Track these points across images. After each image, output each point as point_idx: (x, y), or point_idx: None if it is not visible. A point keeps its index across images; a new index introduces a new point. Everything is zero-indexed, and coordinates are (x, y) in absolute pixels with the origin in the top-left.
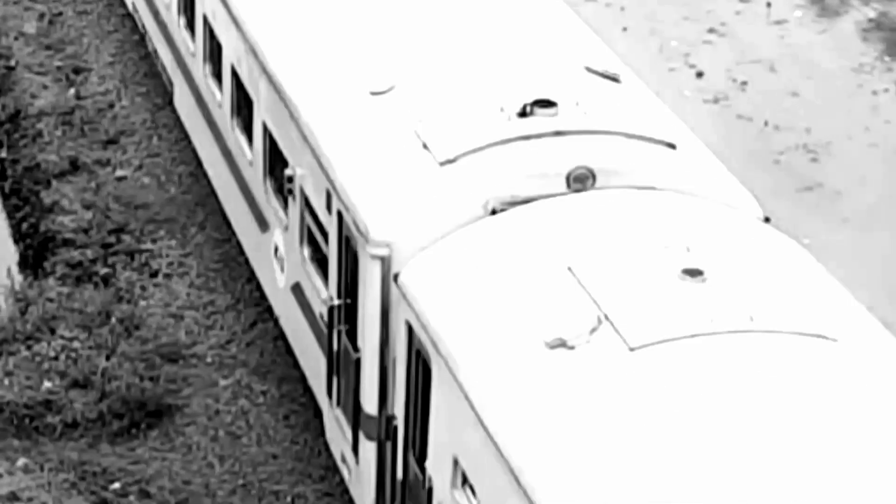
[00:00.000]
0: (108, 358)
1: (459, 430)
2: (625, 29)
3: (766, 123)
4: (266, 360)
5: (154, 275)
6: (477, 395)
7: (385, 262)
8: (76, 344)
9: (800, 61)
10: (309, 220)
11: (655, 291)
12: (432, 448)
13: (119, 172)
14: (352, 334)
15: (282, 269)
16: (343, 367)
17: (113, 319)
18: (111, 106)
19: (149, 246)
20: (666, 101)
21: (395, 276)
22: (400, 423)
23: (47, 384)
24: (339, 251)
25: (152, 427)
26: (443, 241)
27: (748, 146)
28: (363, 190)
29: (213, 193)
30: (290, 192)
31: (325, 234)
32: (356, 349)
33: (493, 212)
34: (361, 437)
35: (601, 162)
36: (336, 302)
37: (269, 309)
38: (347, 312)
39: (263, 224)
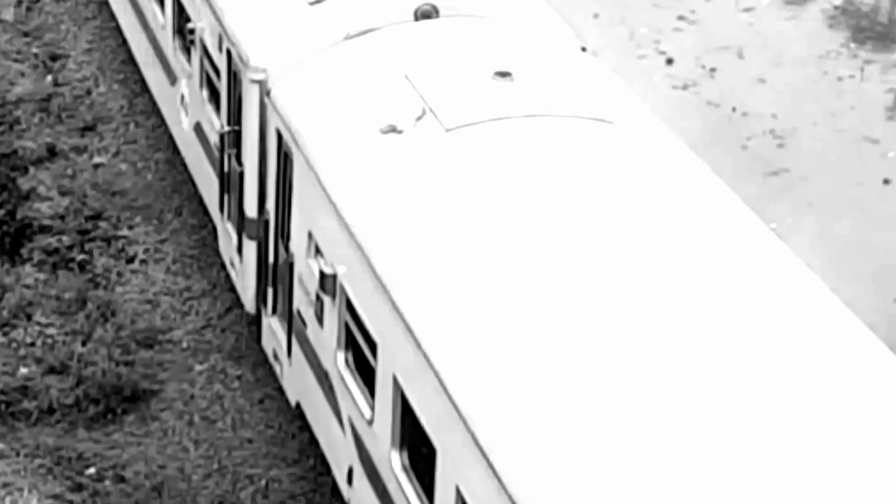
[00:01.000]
0: (84, 344)
1: (313, 208)
2: (596, 16)
3: (733, 109)
4: (241, 345)
5: (130, 261)
6: (326, 176)
7: (262, 85)
8: (52, 330)
9: (767, 48)
10: (207, 65)
11: (471, 88)
12: (294, 229)
13: (96, 159)
14: (239, 156)
15: (186, 114)
16: (231, 184)
17: (89, 305)
18: (88, 93)
19: (125, 232)
20: (636, 87)
21: (268, 93)
22: (272, 217)
23: (23, 370)
24: (228, 85)
25: (128, 412)
26: (307, 63)
27: (716, 132)
28: (246, 29)
29: (187, 179)
30: (192, 42)
31: (217, 73)
32: (241, 165)
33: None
34: (245, 239)
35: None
36: (226, 129)
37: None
38: (235, 138)
39: (172, 77)
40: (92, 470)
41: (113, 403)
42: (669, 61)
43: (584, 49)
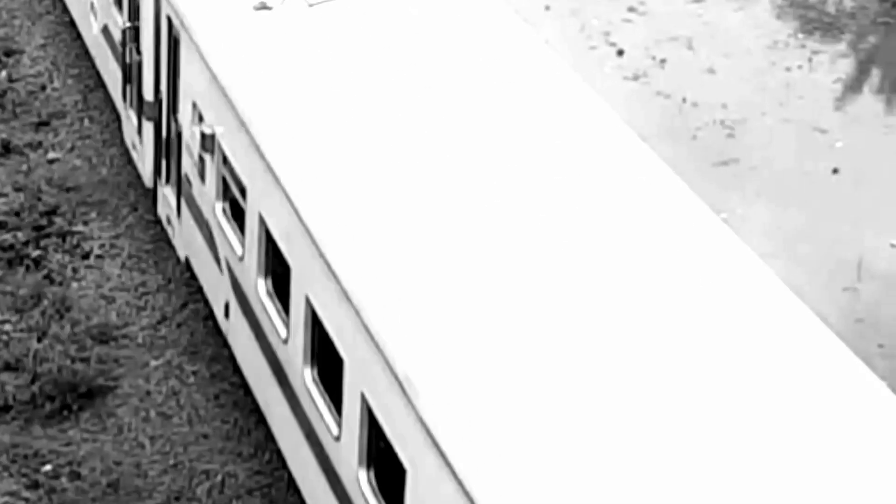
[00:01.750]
0: (39, 340)
1: (196, 80)
2: (547, 8)
3: (683, 100)
4: (197, 340)
5: (86, 257)
6: (206, 49)
7: None
8: (7, 327)
9: (717, 39)
10: None
11: None
12: (181, 102)
13: (51, 155)
14: (138, 48)
15: (95, 18)
16: (132, 74)
17: (45, 302)
18: (43, 88)
19: (80, 228)
20: (587, 78)
21: None
22: (164, 97)
23: None
24: None
25: (84, 409)
26: None
27: (666, 122)
28: None
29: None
30: None
31: None
32: (139, 55)
33: None
34: (144, 121)
35: None
36: (127, 25)
37: (201, 290)
38: (135, 33)
39: None
40: (48, 467)
41: (69, 400)
42: (620, 53)
43: None
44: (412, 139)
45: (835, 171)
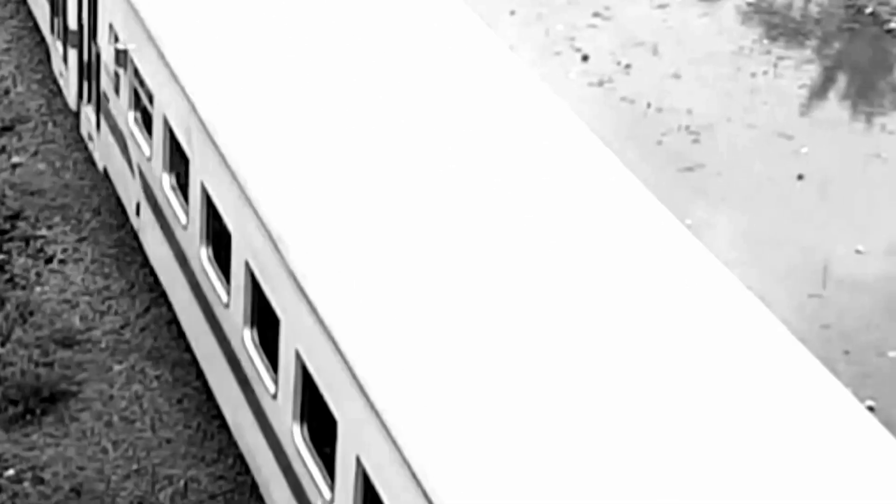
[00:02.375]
0: (3, 344)
1: (112, 4)
2: (512, 13)
3: (648, 105)
4: (160, 345)
5: (49, 261)
6: None
7: None
8: None
9: (681, 45)
10: None
11: None
12: (99, 26)
13: (14, 159)
14: None
15: None
16: (58, 7)
17: (8, 306)
18: (6, 92)
19: (44, 232)
20: (552, 84)
21: None
22: (86, 24)
23: None
24: None
25: (47, 413)
26: None
27: (631, 128)
28: None
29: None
30: None
31: None
32: None
33: None
34: (69, 48)
35: None
36: None
37: (164, 294)
38: None
39: None
40: (11, 472)
41: (32, 404)
42: (585, 58)
43: None
44: (358, 127)
45: (800, 177)
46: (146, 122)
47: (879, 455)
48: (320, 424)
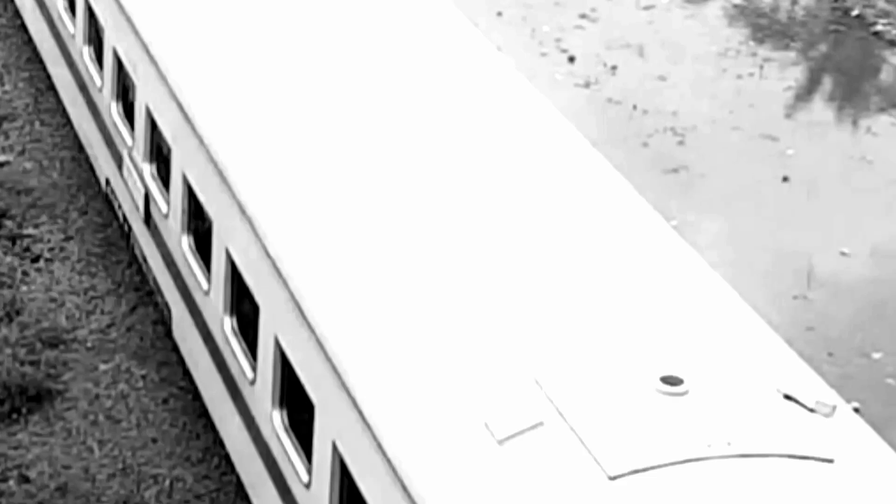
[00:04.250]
0: None
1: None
2: (499, 14)
3: (634, 107)
4: (146, 345)
5: (35, 260)
6: None
7: None
8: None
9: (667, 46)
10: None
11: None
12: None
13: (1, 157)
14: None
15: None
16: None
17: None
18: None
19: (31, 231)
20: (538, 85)
21: None
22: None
23: None
24: None
25: (32, 412)
26: None
27: (617, 129)
28: None
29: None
30: None
31: None
32: None
33: None
34: None
35: None
36: None
37: (150, 292)
38: None
39: None
40: None
41: (17, 403)
42: (571, 59)
43: None
44: (339, 119)
45: (785, 178)
46: (129, 114)
47: (867, 455)
48: (299, 409)
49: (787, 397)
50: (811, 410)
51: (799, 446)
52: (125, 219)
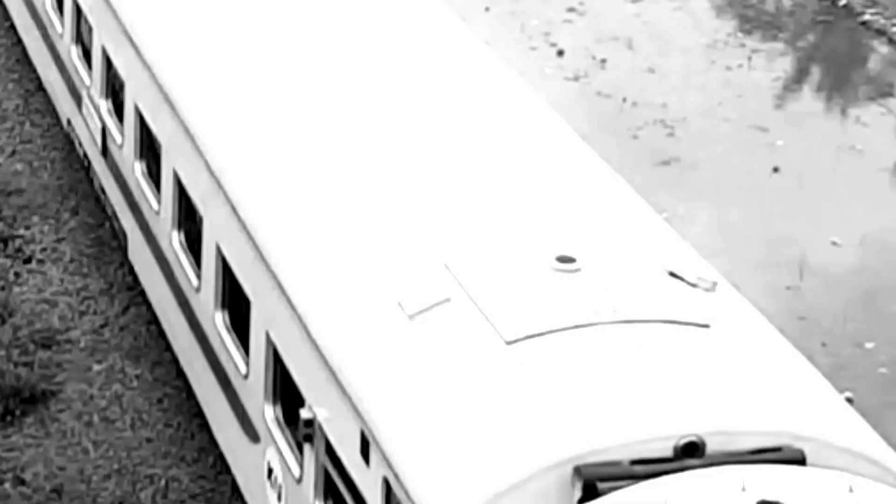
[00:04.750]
0: None
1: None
2: (487, 9)
3: (624, 100)
4: (139, 344)
5: (27, 261)
6: None
7: None
8: None
9: (656, 39)
10: None
11: None
12: None
13: None
14: None
15: None
16: None
17: None
18: None
19: (22, 232)
20: (528, 79)
21: None
22: None
23: None
24: None
25: (27, 414)
26: None
27: (607, 122)
28: None
29: (86, 178)
30: None
31: None
32: None
33: None
34: None
35: None
36: None
37: (143, 292)
38: None
39: None
40: None
41: (11, 405)
42: (560, 53)
43: None
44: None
45: (775, 169)
46: (87, 57)
47: (742, 323)
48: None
49: (672, 274)
50: (693, 285)
51: (677, 314)
52: (85, 154)
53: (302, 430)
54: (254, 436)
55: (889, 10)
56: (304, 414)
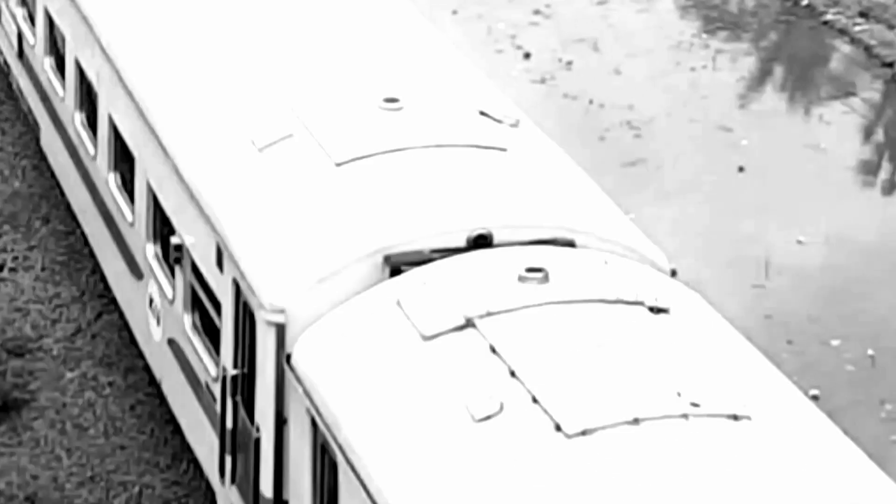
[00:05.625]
0: None
1: None
2: (454, 12)
3: (590, 101)
4: (112, 352)
5: None
6: None
7: None
8: None
9: (621, 40)
10: None
11: None
12: None
13: None
14: None
15: None
16: None
17: None
18: None
19: None
20: (495, 82)
21: None
22: None
23: None
24: None
25: (0, 422)
26: None
27: (575, 124)
28: None
29: (57, 186)
30: None
31: None
32: None
33: None
34: None
35: None
36: None
37: (115, 301)
38: None
39: None
40: None
41: None
42: (527, 55)
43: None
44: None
45: (741, 168)
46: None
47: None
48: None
49: (482, 113)
50: (499, 122)
51: (479, 140)
52: (5, 62)
53: (172, 255)
54: (138, 273)
55: (850, 10)
56: (174, 240)
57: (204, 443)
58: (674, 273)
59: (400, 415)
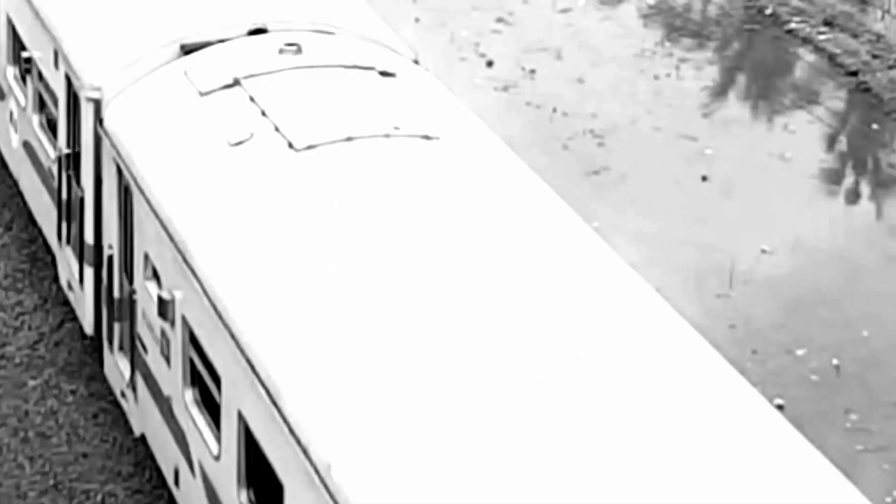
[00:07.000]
0: None
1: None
2: (417, 20)
3: (554, 110)
4: (74, 359)
5: None
6: None
7: None
8: None
9: (585, 48)
10: None
11: None
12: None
13: None
14: None
15: None
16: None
17: None
18: None
19: None
20: (457, 90)
21: None
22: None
23: None
24: None
25: None
26: None
27: (538, 132)
28: None
29: (19, 195)
30: None
31: None
32: None
33: None
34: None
35: None
36: None
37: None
38: None
39: None
40: None
41: None
42: (490, 63)
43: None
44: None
45: (704, 178)
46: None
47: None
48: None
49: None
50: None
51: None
52: None
53: (23, 67)
54: (1, 95)
55: (815, 19)
56: (24, 55)
57: (47, 217)
58: (416, 62)
59: (180, 149)
